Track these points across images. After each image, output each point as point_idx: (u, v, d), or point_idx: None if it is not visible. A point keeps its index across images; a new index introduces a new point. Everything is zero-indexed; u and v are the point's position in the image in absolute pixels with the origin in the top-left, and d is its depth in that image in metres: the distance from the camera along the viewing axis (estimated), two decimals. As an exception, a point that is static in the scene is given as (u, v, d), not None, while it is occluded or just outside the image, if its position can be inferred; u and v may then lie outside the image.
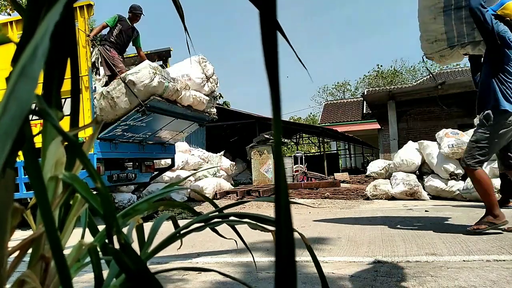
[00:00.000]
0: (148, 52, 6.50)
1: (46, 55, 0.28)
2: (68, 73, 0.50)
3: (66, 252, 0.45)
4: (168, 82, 4.95)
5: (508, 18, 3.06)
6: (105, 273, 0.53)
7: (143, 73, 4.71)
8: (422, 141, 6.46)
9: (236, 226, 0.71)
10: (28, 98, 0.27)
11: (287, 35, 0.41)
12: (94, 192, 0.46)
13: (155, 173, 6.76)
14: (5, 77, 0.35)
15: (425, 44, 3.70)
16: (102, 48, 5.52)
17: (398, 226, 3.55)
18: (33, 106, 0.37)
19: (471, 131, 5.95)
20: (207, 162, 8.84)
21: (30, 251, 0.48)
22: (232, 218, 0.66)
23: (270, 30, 0.30)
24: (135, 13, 5.79)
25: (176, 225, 0.71)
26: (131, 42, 5.94)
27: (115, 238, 0.44)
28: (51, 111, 0.41)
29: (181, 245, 0.80)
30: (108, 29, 5.69)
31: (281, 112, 0.30)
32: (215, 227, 0.67)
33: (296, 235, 0.72)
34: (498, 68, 3.03)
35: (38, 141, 0.46)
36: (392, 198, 6.01)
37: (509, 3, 3.06)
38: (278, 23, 0.35)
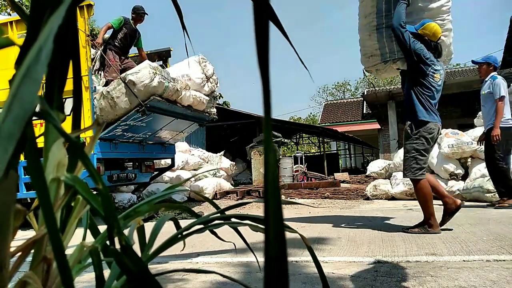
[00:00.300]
0: (148, 52, 6.51)
1: (49, 57, 0.28)
2: (69, 73, 0.50)
3: (68, 253, 0.45)
4: (168, 82, 4.95)
5: (426, 38, 3.33)
6: (106, 274, 0.53)
7: (143, 73, 4.71)
8: (422, 141, 6.45)
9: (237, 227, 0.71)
10: (32, 100, 0.27)
11: (287, 35, 0.41)
12: (95, 193, 0.46)
13: (155, 173, 6.76)
14: (7, 78, 0.35)
15: (363, 58, 4.01)
16: (106, 51, 5.57)
17: (398, 226, 3.55)
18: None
19: (471, 131, 5.95)
20: (207, 162, 8.84)
21: (32, 252, 0.48)
22: (233, 220, 0.66)
23: (263, 20, 0.30)
24: (139, 13, 5.79)
25: (178, 226, 0.72)
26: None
27: (116, 239, 0.44)
28: (53, 112, 0.41)
29: (184, 247, 0.80)
30: (111, 30, 5.69)
31: (270, 103, 0.30)
32: (214, 230, 0.67)
33: (296, 235, 0.73)
34: (417, 83, 3.31)
35: (39, 141, 0.46)
36: (392, 198, 6.01)
37: (428, 24, 3.34)
38: (275, 13, 0.34)
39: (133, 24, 5.80)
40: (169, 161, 7.04)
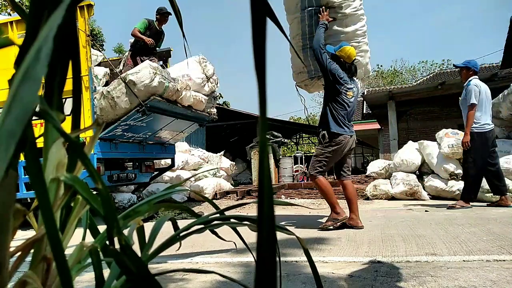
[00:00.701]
0: None
1: (49, 57, 0.28)
2: (68, 73, 0.50)
3: (68, 253, 0.45)
4: (169, 82, 4.95)
5: (342, 59, 3.69)
6: (106, 273, 0.53)
7: (143, 73, 4.70)
8: (422, 141, 6.46)
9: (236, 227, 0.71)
10: (32, 100, 0.27)
11: (285, 34, 0.40)
12: (95, 193, 0.46)
13: (155, 173, 6.75)
14: (8, 78, 0.35)
15: (294, 75, 4.48)
16: (128, 55, 5.65)
17: (398, 226, 3.55)
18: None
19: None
20: (207, 162, 8.83)
21: (32, 251, 0.48)
22: (232, 220, 0.66)
23: (260, 15, 0.29)
24: (162, 13, 5.78)
25: (176, 227, 0.72)
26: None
27: (116, 239, 0.44)
28: (53, 112, 0.41)
29: (179, 247, 0.80)
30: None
31: (266, 102, 0.30)
32: (215, 230, 0.67)
33: (295, 237, 0.73)
34: (331, 99, 3.69)
35: (39, 141, 0.46)
36: (392, 198, 6.01)
37: (344, 47, 3.69)
38: (271, 9, 0.34)
39: (158, 25, 5.81)
40: (169, 161, 7.04)
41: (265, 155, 0.30)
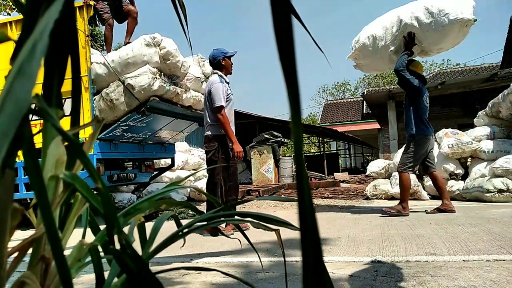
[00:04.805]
0: None
1: (45, 52, 0.27)
2: (68, 73, 0.50)
3: (67, 252, 0.45)
4: (169, 86, 4.94)
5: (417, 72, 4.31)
6: (106, 274, 0.53)
7: (142, 78, 4.66)
8: (422, 141, 6.44)
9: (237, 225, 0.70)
10: (26, 97, 0.27)
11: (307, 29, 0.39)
12: (95, 192, 0.46)
13: (155, 173, 6.75)
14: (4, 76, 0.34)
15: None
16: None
17: (398, 226, 3.55)
18: (33, 105, 0.37)
19: (471, 131, 5.95)
20: (207, 162, 8.80)
21: (30, 251, 0.48)
22: (236, 217, 0.66)
23: (285, 15, 0.28)
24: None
25: (178, 223, 0.71)
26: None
27: (116, 237, 0.43)
28: (51, 110, 0.40)
29: (184, 244, 0.79)
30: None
31: (300, 108, 0.28)
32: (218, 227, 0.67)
33: (298, 235, 0.72)
34: (415, 105, 4.24)
35: (38, 142, 0.46)
36: (392, 198, 6.00)
37: (419, 63, 4.41)
38: (293, 7, 0.32)
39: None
40: (169, 161, 7.03)
41: (300, 156, 0.29)
